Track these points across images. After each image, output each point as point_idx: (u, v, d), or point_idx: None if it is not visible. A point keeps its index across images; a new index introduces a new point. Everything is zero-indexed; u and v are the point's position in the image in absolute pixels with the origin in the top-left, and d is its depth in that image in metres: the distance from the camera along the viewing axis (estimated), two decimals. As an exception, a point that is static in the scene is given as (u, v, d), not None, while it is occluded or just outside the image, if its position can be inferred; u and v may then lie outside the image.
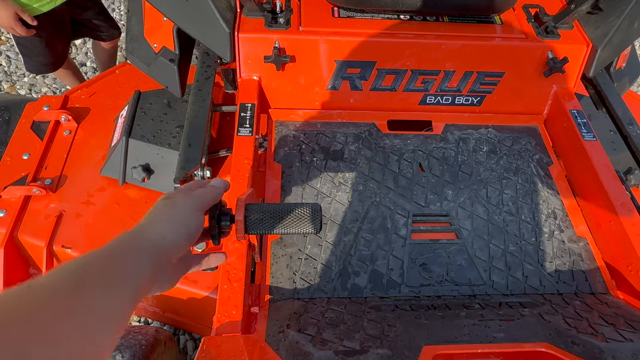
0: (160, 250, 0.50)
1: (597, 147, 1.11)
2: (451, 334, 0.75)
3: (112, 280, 0.43)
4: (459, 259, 0.98)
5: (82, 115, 1.56)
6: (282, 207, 0.65)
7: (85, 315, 0.38)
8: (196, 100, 1.09)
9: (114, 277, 0.44)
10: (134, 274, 0.46)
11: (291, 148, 1.13)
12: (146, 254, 0.49)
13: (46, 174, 1.40)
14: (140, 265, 0.47)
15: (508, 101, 1.25)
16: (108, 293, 0.42)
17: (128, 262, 0.47)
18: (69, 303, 0.37)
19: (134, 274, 0.46)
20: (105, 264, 0.45)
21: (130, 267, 0.47)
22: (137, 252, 0.48)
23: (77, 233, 1.30)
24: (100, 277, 0.43)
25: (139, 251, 0.48)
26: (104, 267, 0.44)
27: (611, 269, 1.00)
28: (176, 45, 1.18)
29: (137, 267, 0.47)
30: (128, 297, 0.45)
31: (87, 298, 0.39)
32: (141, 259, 0.48)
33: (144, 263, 0.48)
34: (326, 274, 0.93)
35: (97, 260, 0.45)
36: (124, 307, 0.44)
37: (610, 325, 0.80)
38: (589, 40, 1.18)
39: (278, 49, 1.09)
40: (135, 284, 0.46)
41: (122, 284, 0.44)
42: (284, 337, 0.74)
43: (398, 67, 1.17)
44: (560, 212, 1.09)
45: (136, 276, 0.46)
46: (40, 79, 2.36)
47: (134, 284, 0.46)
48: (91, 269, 0.43)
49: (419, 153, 1.15)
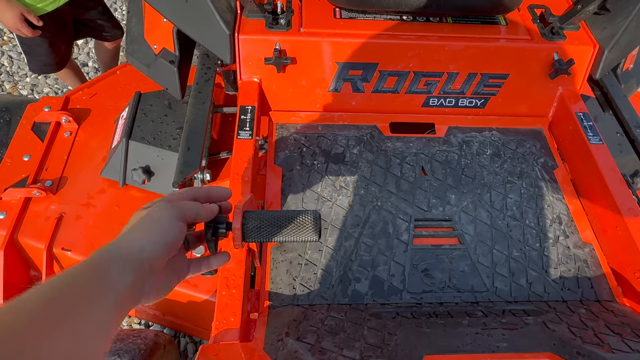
0: (139, 259, 0.50)
1: (603, 151, 1.09)
2: (453, 343, 0.74)
3: (94, 291, 0.44)
4: (462, 265, 0.97)
5: (83, 116, 1.56)
6: (281, 215, 0.64)
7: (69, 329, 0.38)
8: (196, 102, 1.08)
9: (95, 287, 0.44)
10: (115, 282, 0.46)
11: (292, 151, 1.12)
12: (125, 262, 0.49)
13: (47, 175, 1.40)
14: (120, 274, 0.47)
15: (512, 103, 1.23)
16: (91, 304, 0.42)
17: (109, 272, 0.47)
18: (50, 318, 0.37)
19: (115, 282, 0.47)
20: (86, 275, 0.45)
21: (112, 276, 0.47)
22: (116, 261, 0.48)
23: (78, 235, 1.29)
24: (82, 288, 0.43)
25: (117, 260, 0.48)
26: (85, 279, 0.45)
27: (617, 275, 0.98)
28: (176, 47, 1.17)
29: (118, 276, 0.47)
30: (111, 306, 0.45)
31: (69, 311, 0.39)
32: (121, 268, 0.48)
33: (124, 272, 0.48)
34: (326, 280, 0.92)
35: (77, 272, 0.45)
36: (109, 317, 0.44)
37: (616, 335, 0.78)
38: (596, 42, 1.15)
39: (279, 50, 1.08)
40: (118, 293, 0.46)
41: (104, 293, 0.45)
42: (283, 346, 0.73)
43: (400, 68, 1.15)
44: (565, 217, 1.07)
45: (117, 284, 0.47)
46: (42, 79, 2.36)
47: (116, 292, 0.46)
48: (72, 282, 0.43)
49: (421, 156, 1.14)
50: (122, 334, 1.11)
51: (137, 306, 0.52)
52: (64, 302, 0.40)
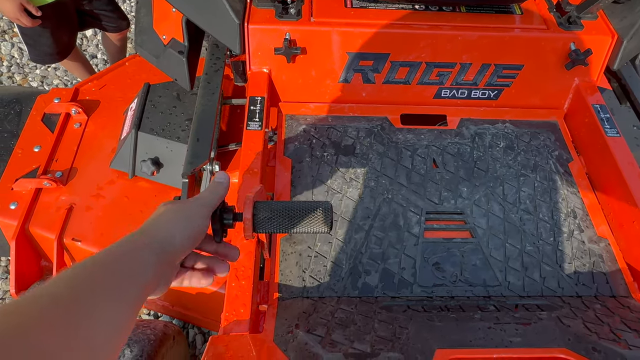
0: (165, 249, 0.49)
1: (620, 144, 1.06)
2: (465, 337, 0.73)
3: (115, 284, 0.42)
4: (474, 259, 0.95)
5: (93, 107, 1.56)
6: (292, 206, 0.63)
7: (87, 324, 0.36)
8: (205, 93, 1.07)
9: (117, 279, 0.43)
10: (137, 275, 0.45)
11: (301, 142, 1.11)
12: (151, 252, 0.47)
13: (57, 166, 1.40)
14: (144, 265, 0.46)
15: (527, 95, 1.20)
16: (111, 298, 0.41)
17: (132, 262, 0.45)
18: (70, 312, 0.36)
19: (138, 274, 0.45)
20: (109, 265, 0.44)
21: (135, 266, 0.45)
22: (141, 250, 0.47)
23: (87, 226, 1.30)
24: (103, 280, 0.41)
25: (143, 249, 0.47)
26: (107, 269, 0.43)
27: (633, 271, 0.96)
28: (185, 37, 1.16)
29: (141, 267, 0.45)
30: (132, 300, 0.43)
31: (88, 306, 0.38)
32: (146, 257, 0.46)
33: (148, 262, 0.46)
34: (336, 273, 0.91)
35: (101, 261, 0.44)
36: (128, 311, 0.43)
37: (633, 331, 0.76)
38: (614, 31, 1.12)
39: (289, 40, 1.06)
40: (139, 286, 0.45)
41: (125, 286, 0.43)
42: (293, 338, 0.72)
43: (412, 59, 1.13)
44: (580, 211, 1.04)
45: (140, 277, 0.45)
46: (52, 71, 2.37)
47: (137, 285, 0.44)
48: (94, 272, 0.42)
49: (432, 148, 1.12)
50: (132, 324, 1.12)
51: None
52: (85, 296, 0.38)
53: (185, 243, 0.51)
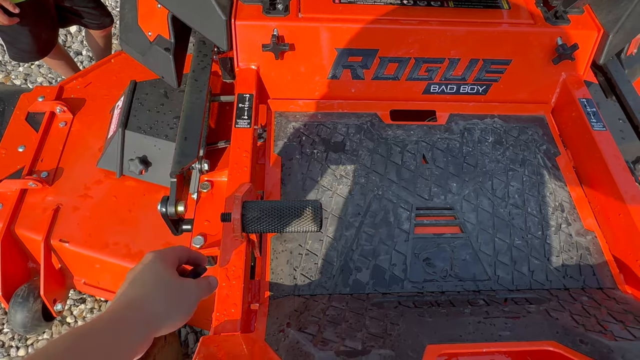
0: (154, 330, 0.53)
1: (606, 137, 1.07)
2: (456, 332, 0.73)
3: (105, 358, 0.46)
4: (464, 254, 0.96)
5: (78, 106, 1.53)
6: (281, 205, 0.63)
7: None
8: (192, 91, 1.06)
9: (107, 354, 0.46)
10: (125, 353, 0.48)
11: (291, 140, 1.10)
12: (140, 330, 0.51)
13: (42, 166, 1.38)
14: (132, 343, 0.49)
15: (515, 90, 1.21)
16: None
17: (121, 340, 0.49)
18: None
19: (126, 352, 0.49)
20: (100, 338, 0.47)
21: (123, 345, 0.48)
22: (132, 327, 0.50)
23: (75, 227, 1.28)
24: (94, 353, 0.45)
25: (134, 326, 0.51)
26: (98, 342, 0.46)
27: (619, 263, 0.98)
28: (171, 34, 1.14)
29: (129, 345, 0.49)
30: None
31: None
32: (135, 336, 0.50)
33: (136, 341, 0.50)
34: (327, 270, 0.91)
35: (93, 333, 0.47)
36: None
37: (619, 322, 0.78)
38: (600, 26, 1.13)
39: (276, 36, 1.05)
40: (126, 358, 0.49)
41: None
42: (284, 337, 0.72)
43: (401, 54, 1.12)
44: (567, 205, 1.06)
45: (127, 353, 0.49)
46: (36, 68, 2.32)
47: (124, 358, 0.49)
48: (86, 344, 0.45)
49: (422, 144, 1.12)
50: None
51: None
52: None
53: (173, 328, 0.55)
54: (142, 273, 0.57)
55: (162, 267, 0.58)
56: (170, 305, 0.55)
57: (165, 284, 0.57)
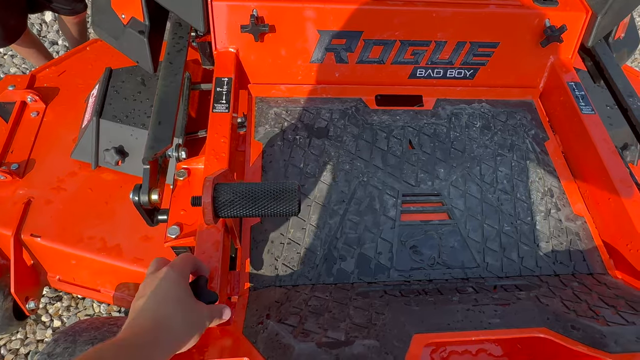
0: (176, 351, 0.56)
1: (595, 121, 1.05)
2: (443, 320, 0.70)
3: None
4: (451, 241, 0.93)
5: (51, 95, 1.46)
6: (256, 187, 0.58)
7: None
8: (167, 74, 1.00)
9: None
10: None
11: (272, 126, 1.05)
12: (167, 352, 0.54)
13: (12, 158, 1.31)
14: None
15: (502, 74, 1.18)
16: None
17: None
18: None
19: None
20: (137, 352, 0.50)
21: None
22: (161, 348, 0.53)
23: (47, 220, 1.22)
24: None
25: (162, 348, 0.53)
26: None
27: (609, 248, 0.96)
28: (145, 16, 1.08)
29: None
30: None
31: None
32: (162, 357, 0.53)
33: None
34: (310, 259, 0.87)
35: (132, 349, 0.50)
36: None
37: (610, 307, 0.75)
38: (589, 7, 1.10)
39: (256, 17, 1.00)
40: None
41: None
42: (263, 329, 0.68)
43: (386, 37, 1.09)
44: (556, 190, 1.03)
45: None
46: (9, 58, 2.23)
47: None
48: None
49: (408, 129, 1.08)
50: (97, 322, 1.06)
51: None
52: None
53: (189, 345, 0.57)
54: (163, 290, 0.57)
55: (182, 286, 0.59)
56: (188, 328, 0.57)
57: (185, 305, 0.58)
